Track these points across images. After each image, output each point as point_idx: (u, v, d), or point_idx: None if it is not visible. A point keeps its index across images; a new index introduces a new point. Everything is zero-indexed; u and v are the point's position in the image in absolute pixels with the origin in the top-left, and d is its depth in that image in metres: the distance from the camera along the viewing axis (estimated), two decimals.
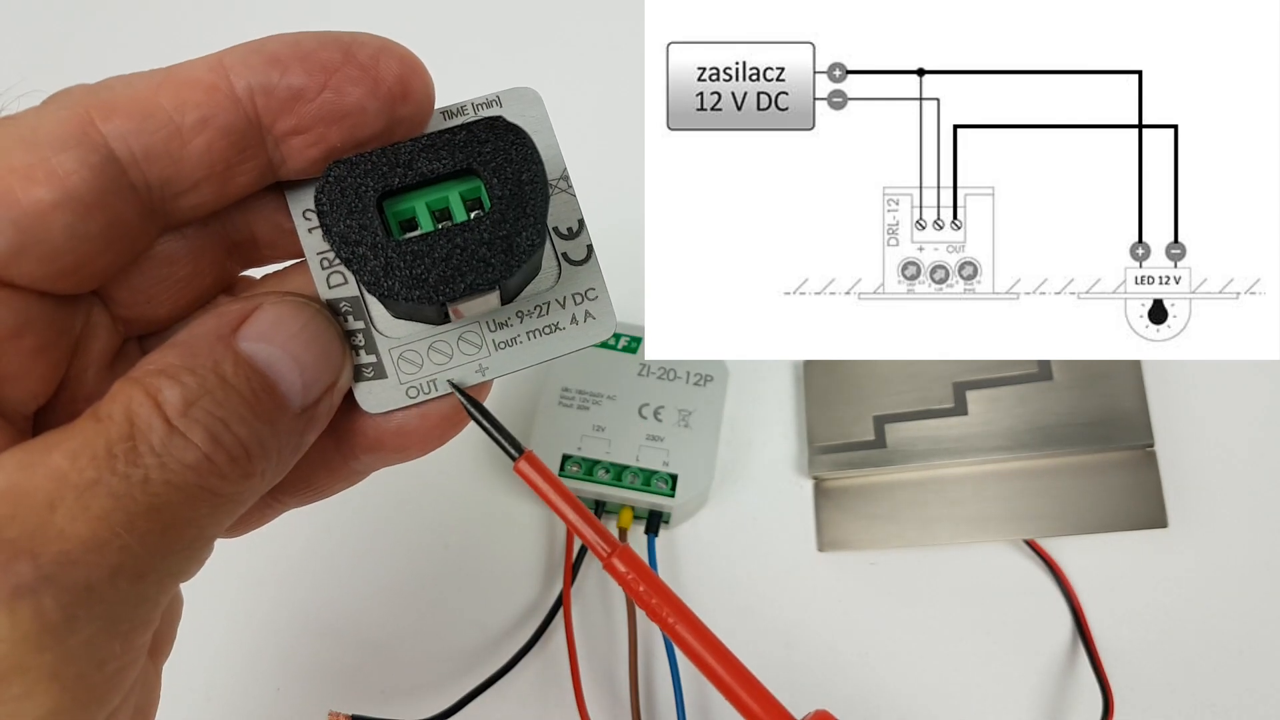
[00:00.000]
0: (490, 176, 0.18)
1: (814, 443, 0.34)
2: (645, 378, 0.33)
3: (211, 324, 0.17)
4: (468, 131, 0.18)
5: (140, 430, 0.15)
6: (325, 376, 0.18)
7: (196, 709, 0.31)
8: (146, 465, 0.15)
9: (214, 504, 0.16)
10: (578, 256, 0.20)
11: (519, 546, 0.33)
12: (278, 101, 0.17)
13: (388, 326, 0.19)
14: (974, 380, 0.33)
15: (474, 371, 0.20)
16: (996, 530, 0.32)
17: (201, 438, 0.15)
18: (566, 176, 0.20)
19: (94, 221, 0.16)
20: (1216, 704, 0.32)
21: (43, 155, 0.15)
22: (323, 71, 0.17)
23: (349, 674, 0.32)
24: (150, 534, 0.15)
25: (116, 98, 0.16)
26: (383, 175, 0.17)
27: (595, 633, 0.32)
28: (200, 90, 0.16)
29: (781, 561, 0.34)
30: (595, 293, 0.20)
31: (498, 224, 0.17)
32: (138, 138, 0.16)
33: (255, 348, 0.17)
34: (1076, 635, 0.32)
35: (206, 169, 0.17)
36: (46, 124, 0.16)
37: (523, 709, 0.31)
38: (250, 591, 0.33)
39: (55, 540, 0.14)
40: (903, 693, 0.32)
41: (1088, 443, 0.31)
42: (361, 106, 0.17)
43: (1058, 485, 0.31)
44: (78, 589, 0.14)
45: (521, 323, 0.20)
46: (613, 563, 0.20)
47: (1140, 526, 0.30)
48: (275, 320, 0.17)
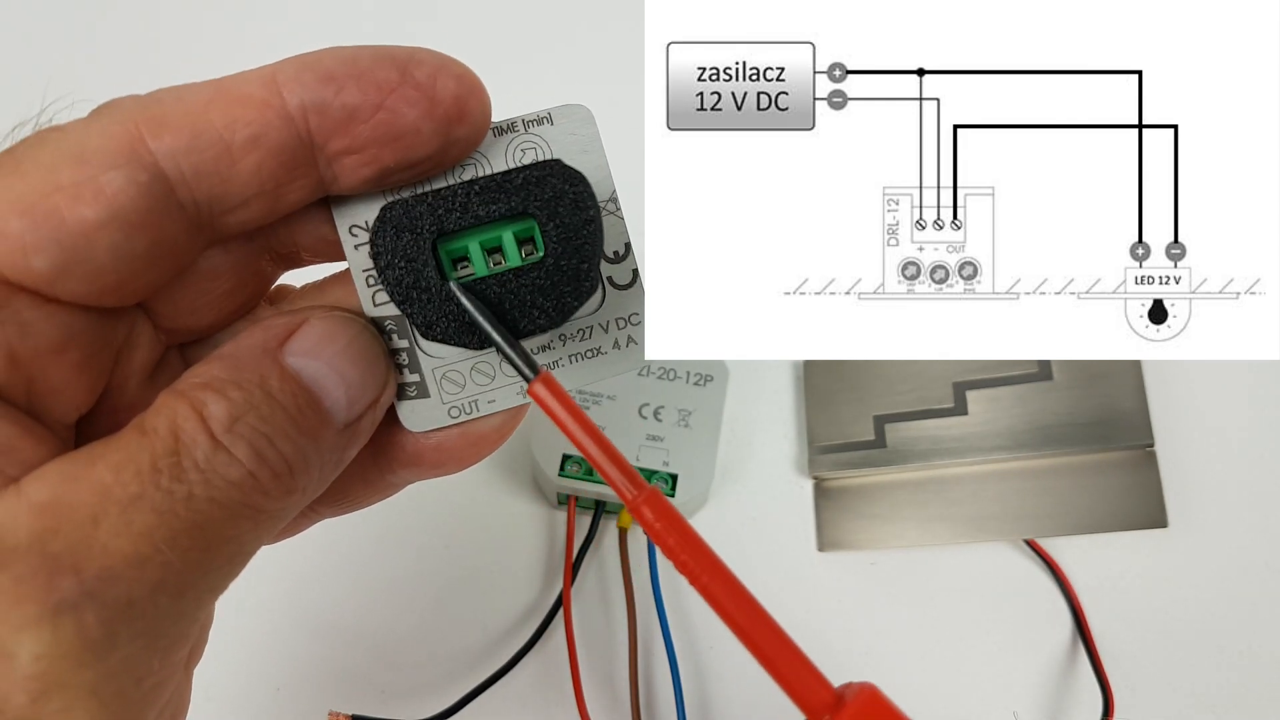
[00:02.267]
0: (546, 221, 0.18)
1: (814, 443, 0.34)
2: (645, 378, 0.33)
3: (258, 338, 0.17)
4: (524, 174, 0.18)
5: (185, 445, 0.15)
6: (369, 393, 0.18)
7: (196, 708, 0.31)
8: (191, 481, 0.15)
9: (256, 520, 0.16)
10: (623, 281, 0.20)
11: (519, 546, 0.33)
12: (331, 121, 0.16)
13: (431, 347, 0.19)
14: (974, 380, 0.33)
15: (515, 394, 0.19)
16: (997, 530, 0.32)
17: (246, 454, 0.15)
18: (615, 199, 0.20)
19: (140, 240, 0.16)
20: (1217, 704, 0.32)
21: (91, 173, 0.15)
22: (378, 91, 0.16)
23: (349, 674, 0.32)
24: (192, 550, 0.15)
25: (167, 113, 0.16)
26: (438, 219, 0.17)
27: (595, 632, 0.32)
28: (252, 107, 0.16)
29: (781, 561, 0.34)
30: (638, 318, 0.20)
31: (551, 272, 0.18)
32: (187, 156, 0.16)
33: (301, 363, 0.17)
34: (1076, 635, 0.32)
35: (256, 187, 0.16)
36: (95, 139, 0.15)
37: (523, 709, 0.31)
38: (250, 591, 0.33)
39: (99, 556, 0.14)
40: (903, 692, 0.32)
41: (1088, 442, 0.31)
42: (417, 128, 0.17)
43: (1058, 485, 0.31)
44: (119, 605, 0.14)
45: (564, 345, 0.20)
46: (640, 509, 0.18)
47: (1140, 526, 0.30)
48: (322, 335, 0.17)
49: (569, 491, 0.32)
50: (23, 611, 0.13)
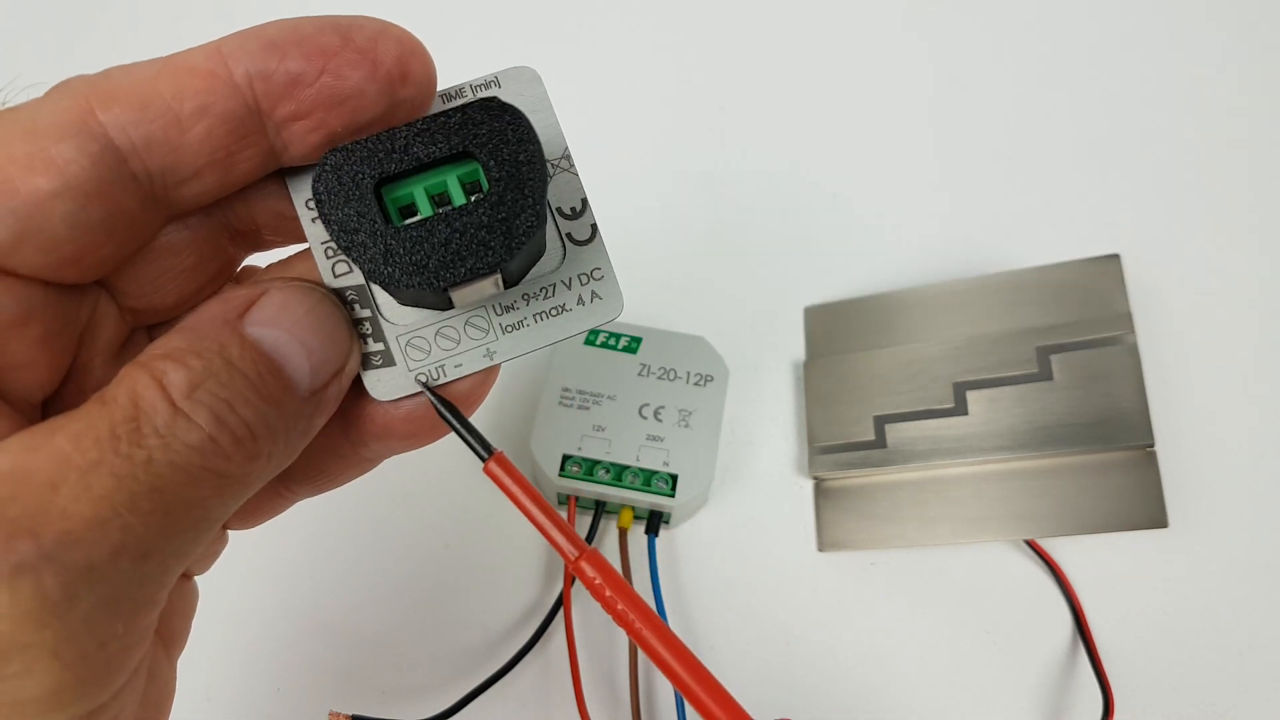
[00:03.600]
0: (487, 159, 0.17)
1: (814, 443, 0.34)
2: (645, 378, 0.33)
3: (217, 309, 0.17)
4: (463, 114, 0.17)
5: (145, 412, 0.15)
6: (332, 360, 0.18)
7: (197, 708, 0.31)
8: (150, 446, 0.15)
9: (219, 485, 0.16)
10: (582, 236, 0.20)
11: (519, 546, 0.33)
12: (277, 87, 0.17)
13: (394, 314, 0.19)
14: (974, 380, 0.33)
15: (482, 356, 0.19)
16: (997, 530, 0.32)
17: (206, 419, 0.15)
18: (568, 155, 0.20)
19: (94, 210, 0.16)
20: (1217, 704, 0.32)
21: (42, 145, 0.15)
22: (321, 56, 0.17)
23: (349, 674, 0.32)
24: (153, 514, 0.15)
25: (115, 87, 0.16)
26: (379, 162, 0.17)
27: (595, 633, 0.32)
28: (198, 78, 0.16)
29: (782, 561, 0.34)
30: (601, 272, 0.20)
31: (496, 206, 0.17)
32: (137, 127, 0.16)
33: (261, 332, 0.17)
34: (1077, 635, 0.32)
35: (207, 156, 0.17)
36: (46, 114, 0.16)
37: (523, 709, 0.31)
38: (251, 591, 0.33)
39: (57, 520, 0.14)
40: (903, 692, 0.32)
41: (1088, 443, 0.31)
42: (361, 90, 0.17)
43: (1058, 485, 0.31)
44: (79, 568, 0.14)
45: (528, 305, 0.20)
46: (580, 566, 0.19)
47: (1140, 526, 0.30)
48: (281, 305, 0.17)
49: (569, 492, 0.32)
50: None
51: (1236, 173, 0.40)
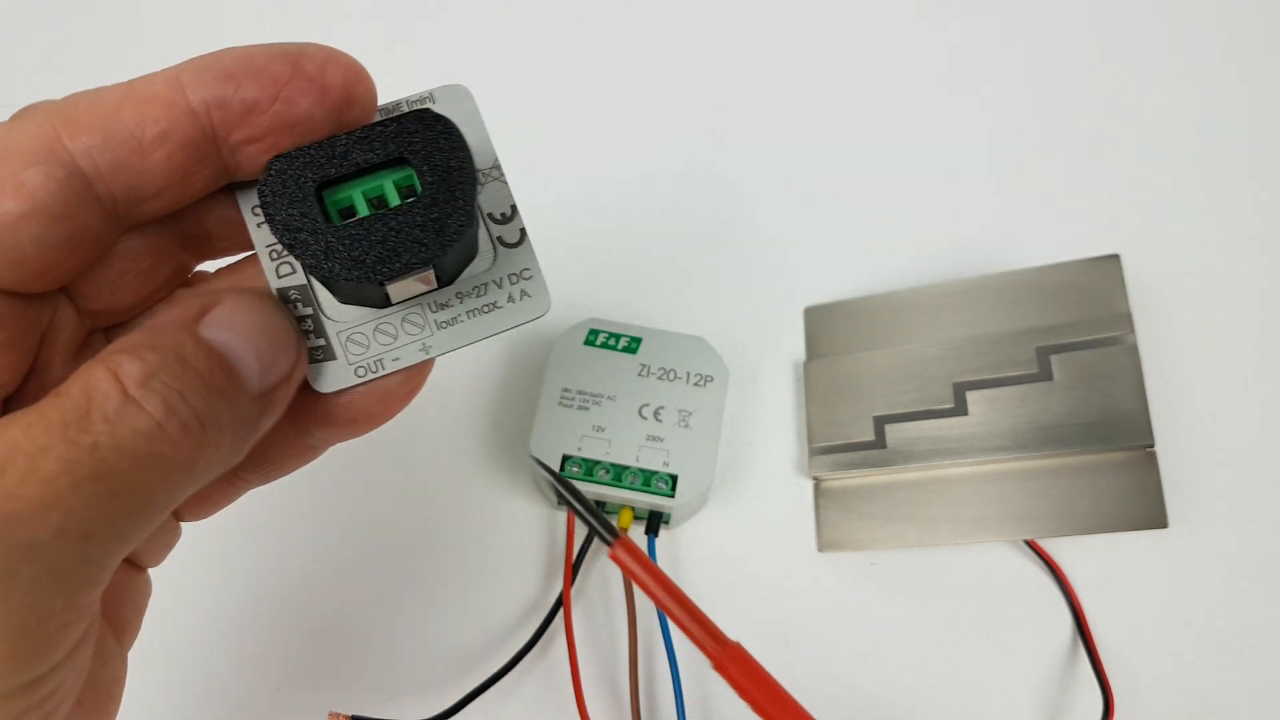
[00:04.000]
0: (420, 164, 0.19)
1: (814, 443, 0.34)
2: (645, 378, 0.33)
3: (175, 313, 0.18)
4: (399, 124, 0.19)
5: (96, 401, 0.16)
6: (281, 364, 0.19)
7: (197, 708, 0.31)
8: (96, 432, 0.16)
9: (164, 471, 0.16)
10: (512, 240, 0.21)
11: (519, 546, 0.33)
12: (232, 114, 0.18)
13: (335, 311, 0.20)
14: (974, 380, 0.33)
15: (418, 350, 0.21)
16: (997, 530, 0.32)
17: (156, 406, 0.16)
18: (498, 165, 0.21)
19: (60, 230, 0.17)
20: (1217, 704, 0.32)
21: (12, 170, 0.16)
22: (273, 84, 0.18)
23: (349, 674, 0.32)
24: (96, 497, 0.15)
25: (81, 114, 0.17)
26: (320, 166, 0.18)
27: (596, 633, 0.32)
28: (159, 106, 0.17)
29: (781, 562, 0.34)
30: (530, 273, 0.21)
31: (429, 207, 0.18)
32: (102, 153, 0.17)
33: (215, 333, 0.18)
34: (1077, 635, 0.32)
35: (166, 178, 0.18)
36: (15, 140, 0.17)
37: (523, 709, 0.31)
38: (250, 591, 0.33)
39: (3, 501, 0.15)
40: (903, 692, 0.32)
41: (1088, 443, 0.31)
42: (310, 115, 0.18)
43: (1058, 485, 0.31)
44: (20, 546, 0.15)
45: (461, 303, 0.21)
46: (725, 666, 0.20)
47: (1140, 527, 0.30)
48: (235, 310, 0.18)
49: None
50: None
51: (1237, 173, 0.40)
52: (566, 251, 0.38)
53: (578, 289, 0.38)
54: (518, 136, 0.41)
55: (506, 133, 0.40)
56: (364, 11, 0.43)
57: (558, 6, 0.44)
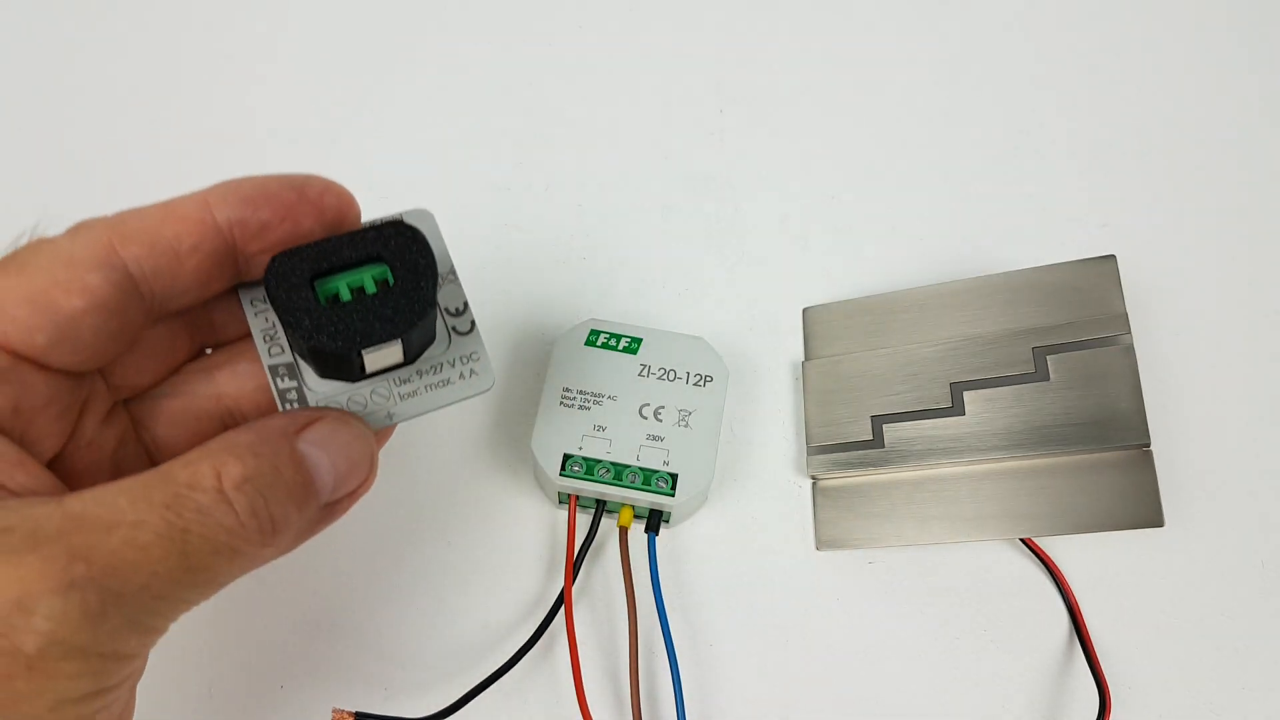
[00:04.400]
0: (394, 262, 0.23)
1: (812, 442, 0.34)
2: (645, 378, 0.33)
3: (281, 423, 0.22)
4: (378, 231, 0.23)
5: (195, 493, 0.20)
6: (351, 483, 0.23)
7: (200, 706, 0.31)
8: (189, 520, 0.19)
9: (233, 559, 0.20)
10: (463, 329, 0.26)
11: (522, 543, 0.34)
12: (250, 232, 0.22)
13: (316, 384, 0.24)
14: (971, 380, 0.33)
15: (385, 417, 0.25)
16: (993, 529, 0.32)
17: (243, 508, 0.20)
18: (454, 272, 0.26)
19: (113, 323, 0.21)
20: (1214, 702, 0.32)
21: (79, 273, 0.20)
22: (283, 208, 0.22)
23: (352, 671, 0.32)
24: (176, 569, 0.19)
25: (130, 230, 0.21)
26: (314, 262, 0.23)
27: (597, 630, 0.32)
28: (193, 224, 0.22)
29: (780, 560, 0.34)
30: (477, 355, 0.26)
31: (399, 295, 0.23)
32: (148, 261, 0.21)
33: (309, 449, 0.22)
34: (1073, 633, 0.33)
35: (195, 281, 0.22)
36: (77, 249, 0.21)
37: (524, 706, 0.31)
38: (254, 589, 0.33)
39: (105, 555, 0.18)
40: (900, 690, 0.32)
41: (1084, 442, 0.31)
42: (311, 232, 0.23)
43: (1054, 484, 0.31)
44: (113, 593, 0.18)
45: (421, 379, 0.25)
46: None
47: (1137, 525, 0.30)
48: (330, 430, 0.22)
49: (570, 491, 0.32)
50: (44, 583, 0.18)
51: (1232, 174, 0.40)
52: (566, 252, 0.39)
53: (578, 289, 0.38)
54: (518, 136, 0.41)
55: (506, 133, 0.41)
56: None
57: (562, 5, 0.44)
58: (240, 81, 0.42)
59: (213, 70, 0.42)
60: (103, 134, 0.40)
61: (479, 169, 0.40)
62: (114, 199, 0.23)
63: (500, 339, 0.37)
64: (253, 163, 0.39)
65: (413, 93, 0.42)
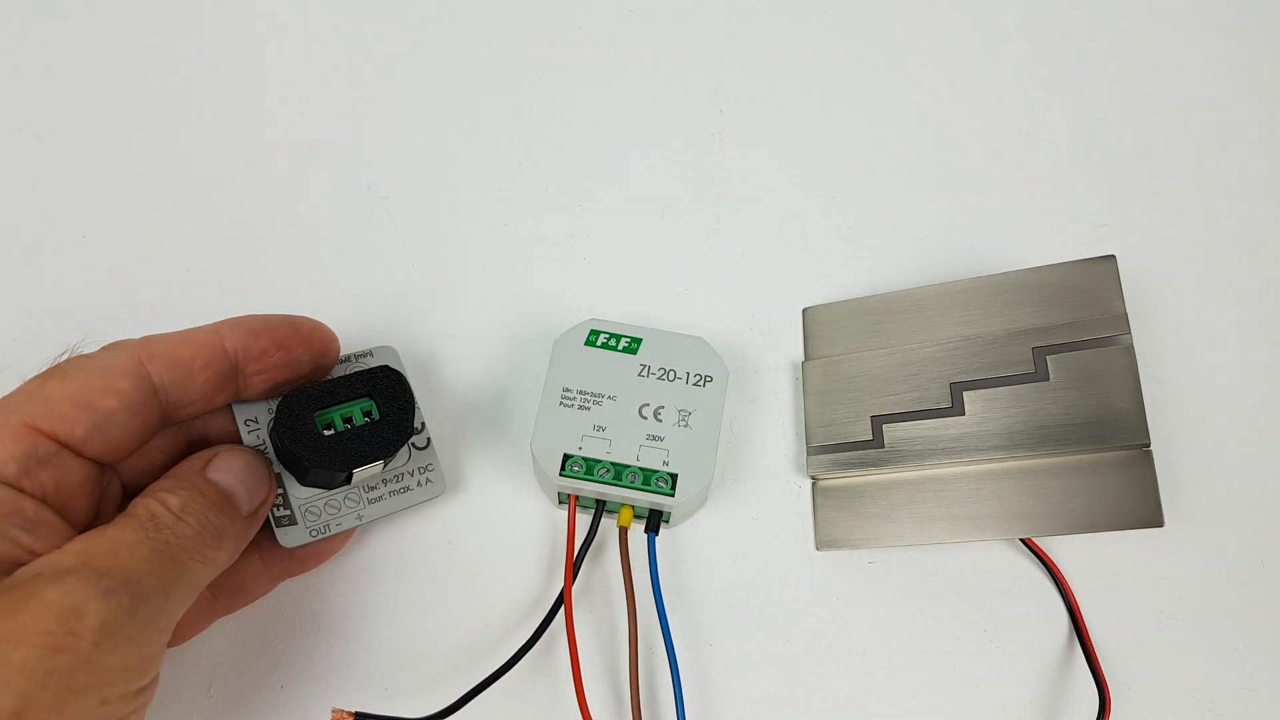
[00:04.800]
0: (380, 399, 0.30)
1: (812, 442, 0.34)
2: (645, 378, 0.33)
3: (191, 464, 0.28)
4: (369, 374, 0.30)
5: (159, 517, 0.25)
6: (259, 494, 0.28)
7: (200, 705, 0.31)
8: (166, 533, 0.25)
9: (201, 563, 0.26)
10: (420, 445, 0.32)
11: (521, 543, 0.34)
12: (251, 357, 0.28)
13: (297, 491, 0.30)
14: (971, 380, 0.33)
15: (354, 518, 0.31)
16: (993, 529, 0.32)
17: (194, 522, 0.26)
18: (413, 397, 0.32)
19: (135, 421, 0.26)
20: (1213, 702, 0.32)
21: (112, 380, 0.26)
22: (279, 340, 0.29)
23: (352, 671, 0.32)
24: (170, 572, 0.25)
25: (155, 349, 0.27)
26: (315, 400, 0.29)
27: (597, 630, 0.32)
28: (206, 348, 0.28)
29: (780, 560, 0.34)
30: (432, 467, 0.32)
31: (385, 426, 0.30)
32: (168, 373, 0.27)
33: (218, 475, 0.28)
34: (1073, 633, 0.33)
35: (202, 393, 0.28)
36: (112, 361, 0.26)
37: (524, 706, 0.31)
38: None
39: (121, 569, 0.24)
40: (899, 690, 0.32)
41: (1084, 442, 0.31)
42: (300, 360, 0.29)
43: (1054, 485, 0.31)
44: (134, 596, 0.23)
45: (385, 486, 0.31)
46: None
47: (1136, 525, 0.30)
48: (228, 459, 0.28)
49: (570, 491, 0.32)
50: (87, 592, 0.22)
51: (1231, 173, 0.40)
52: (566, 252, 0.39)
53: (578, 289, 0.38)
54: (518, 136, 0.41)
55: (507, 132, 0.41)
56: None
57: (562, 6, 0.44)
58: (242, 81, 0.42)
59: (213, 73, 0.42)
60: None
61: (479, 169, 0.40)
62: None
63: (500, 339, 0.37)
64: (253, 165, 0.39)
65: (413, 93, 0.42)
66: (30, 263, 0.38)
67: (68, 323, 0.36)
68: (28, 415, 0.25)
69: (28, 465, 0.24)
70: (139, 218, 0.39)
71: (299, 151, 0.41)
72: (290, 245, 0.39)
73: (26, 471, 0.24)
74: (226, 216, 0.39)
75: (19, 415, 0.25)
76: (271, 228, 0.39)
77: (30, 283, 0.38)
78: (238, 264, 0.38)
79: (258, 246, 0.39)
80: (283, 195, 0.40)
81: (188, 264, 0.38)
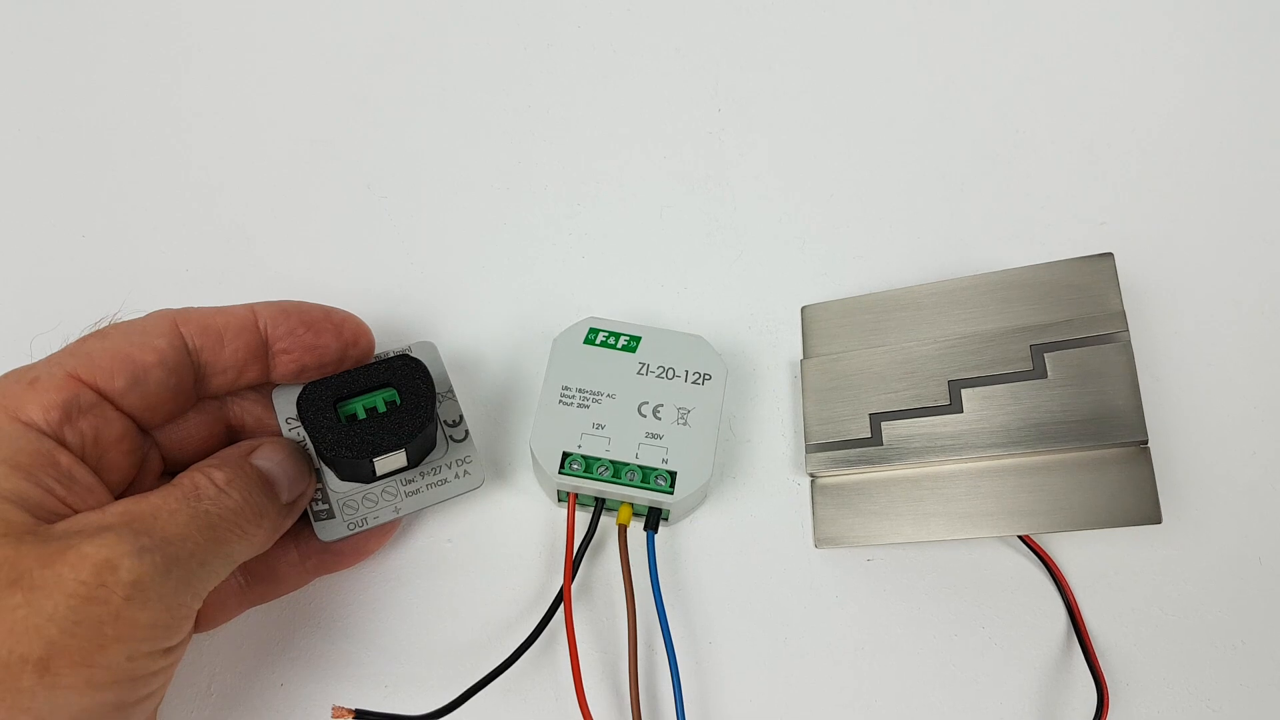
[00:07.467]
0: (401, 387, 0.30)
1: (810, 440, 0.34)
2: (644, 376, 0.33)
3: (237, 450, 0.29)
4: (389, 363, 0.30)
5: (203, 489, 0.26)
6: (299, 484, 0.29)
7: (200, 703, 0.32)
8: (207, 504, 0.26)
9: (240, 534, 0.26)
10: (459, 437, 0.32)
11: (521, 541, 0.34)
12: (280, 334, 0.30)
13: (336, 485, 0.31)
14: (969, 378, 0.33)
15: (391, 511, 0.31)
16: (992, 526, 0.32)
17: (238, 495, 0.27)
18: (451, 390, 0.33)
19: (172, 379, 0.28)
20: (1211, 699, 0.32)
21: (150, 339, 0.27)
22: (309, 322, 0.30)
23: (352, 668, 0.32)
24: (207, 540, 0.25)
25: (191, 316, 0.28)
26: (336, 389, 0.30)
27: (597, 628, 0.33)
28: (237, 319, 0.29)
29: (779, 558, 0.34)
30: (470, 459, 0.32)
31: (406, 413, 0.30)
32: (201, 337, 0.28)
33: (261, 462, 0.29)
34: (1071, 630, 0.33)
35: (233, 361, 0.29)
36: (151, 324, 0.28)
37: (524, 704, 0.32)
38: None
39: (160, 532, 0.24)
40: (898, 687, 0.32)
41: (1082, 439, 0.31)
42: (328, 345, 0.30)
43: (1052, 482, 0.31)
44: (170, 558, 0.24)
45: (423, 479, 0.31)
46: None
47: (1134, 522, 0.30)
48: (273, 449, 0.29)
49: (569, 489, 0.32)
50: (123, 548, 0.23)
51: (1230, 172, 0.40)
52: (566, 251, 0.39)
53: (577, 288, 0.38)
54: (517, 136, 0.41)
55: (506, 132, 0.41)
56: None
57: (561, 5, 0.44)
58: (242, 81, 0.42)
59: (213, 73, 0.42)
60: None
61: (479, 169, 0.40)
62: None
63: (500, 338, 0.37)
64: (252, 165, 0.39)
65: (413, 93, 0.42)
66: (30, 263, 0.38)
67: (68, 322, 0.36)
68: (70, 367, 0.26)
69: (69, 412, 0.25)
70: (139, 218, 0.39)
71: (299, 151, 0.41)
72: (290, 245, 0.39)
73: (69, 418, 0.25)
74: (226, 216, 0.39)
75: (62, 367, 0.26)
76: (271, 228, 0.39)
77: (31, 283, 0.38)
78: (238, 264, 0.38)
79: (257, 247, 0.39)
80: (282, 195, 0.40)
81: (188, 264, 0.38)
